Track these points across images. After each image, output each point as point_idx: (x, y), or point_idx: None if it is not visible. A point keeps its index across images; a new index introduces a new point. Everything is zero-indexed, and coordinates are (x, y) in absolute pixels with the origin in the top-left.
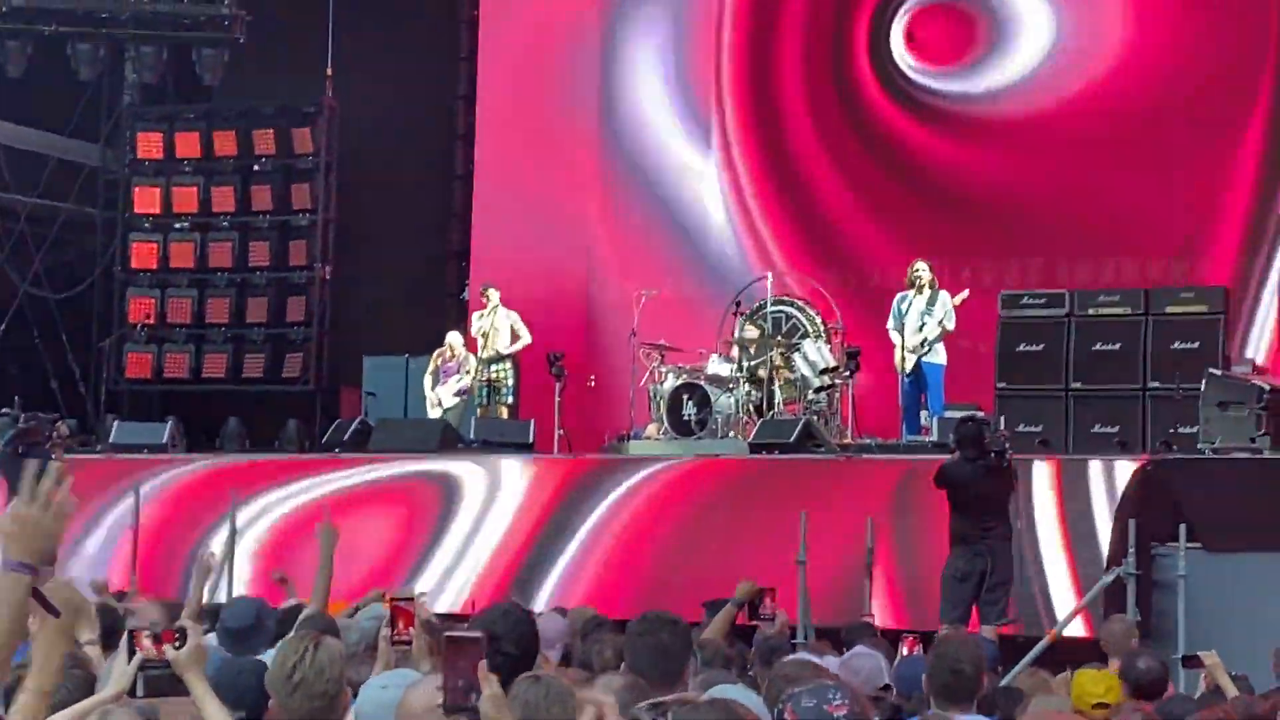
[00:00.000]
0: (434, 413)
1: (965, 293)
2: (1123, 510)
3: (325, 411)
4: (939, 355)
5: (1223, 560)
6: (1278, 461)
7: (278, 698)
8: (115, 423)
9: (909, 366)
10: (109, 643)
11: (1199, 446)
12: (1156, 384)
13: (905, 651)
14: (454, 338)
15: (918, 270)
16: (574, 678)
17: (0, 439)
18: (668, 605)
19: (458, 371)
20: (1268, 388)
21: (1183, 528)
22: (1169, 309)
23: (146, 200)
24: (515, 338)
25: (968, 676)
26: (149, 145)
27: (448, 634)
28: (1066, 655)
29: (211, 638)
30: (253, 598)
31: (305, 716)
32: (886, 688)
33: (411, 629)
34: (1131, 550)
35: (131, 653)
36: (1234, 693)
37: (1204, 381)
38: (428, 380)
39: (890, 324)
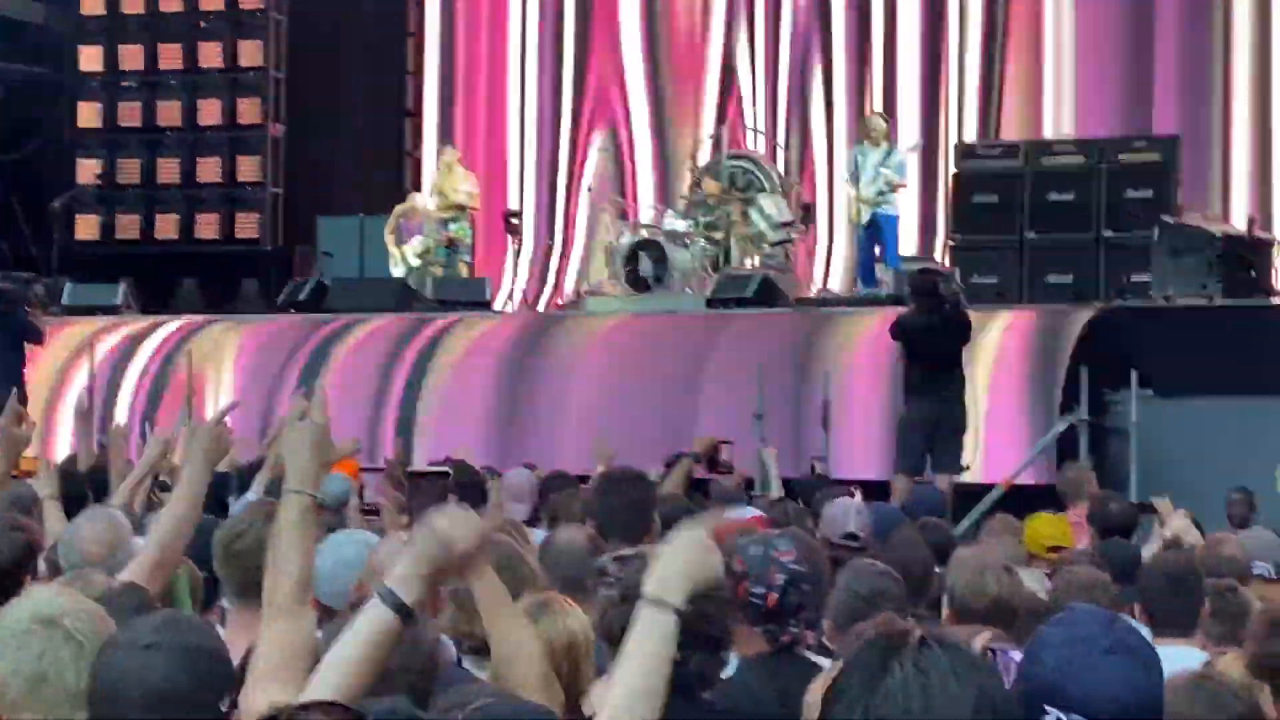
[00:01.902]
0: (398, 270)
1: (917, 141)
2: (1075, 358)
3: (280, 271)
4: (893, 207)
5: (1174, 405)
6: (1229, 308)
7: (216, 561)
8: (68, 284)
9: (864, 219)
10: (71, 508)
11: (1151, 294)
12: (1110, 232)
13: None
14: (417, 197)
15: (874, 122)
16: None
17: None
18: (629, 460)
19: (420, 232)
20: (1219, 234)
21: (1134, 374)
22: (1122, 157)
23: (91, 59)
24: (469, 198)
25: (916, 578)
26: (93, 2)
27: (410, 470)
28: (1026, 503)
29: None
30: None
31: (240, 582)
32: (851, 535)
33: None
34: (1084, 397)
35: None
36: (1190, 538)
37: (1156, 229)
38: (389, 236)
39: (844, 175)
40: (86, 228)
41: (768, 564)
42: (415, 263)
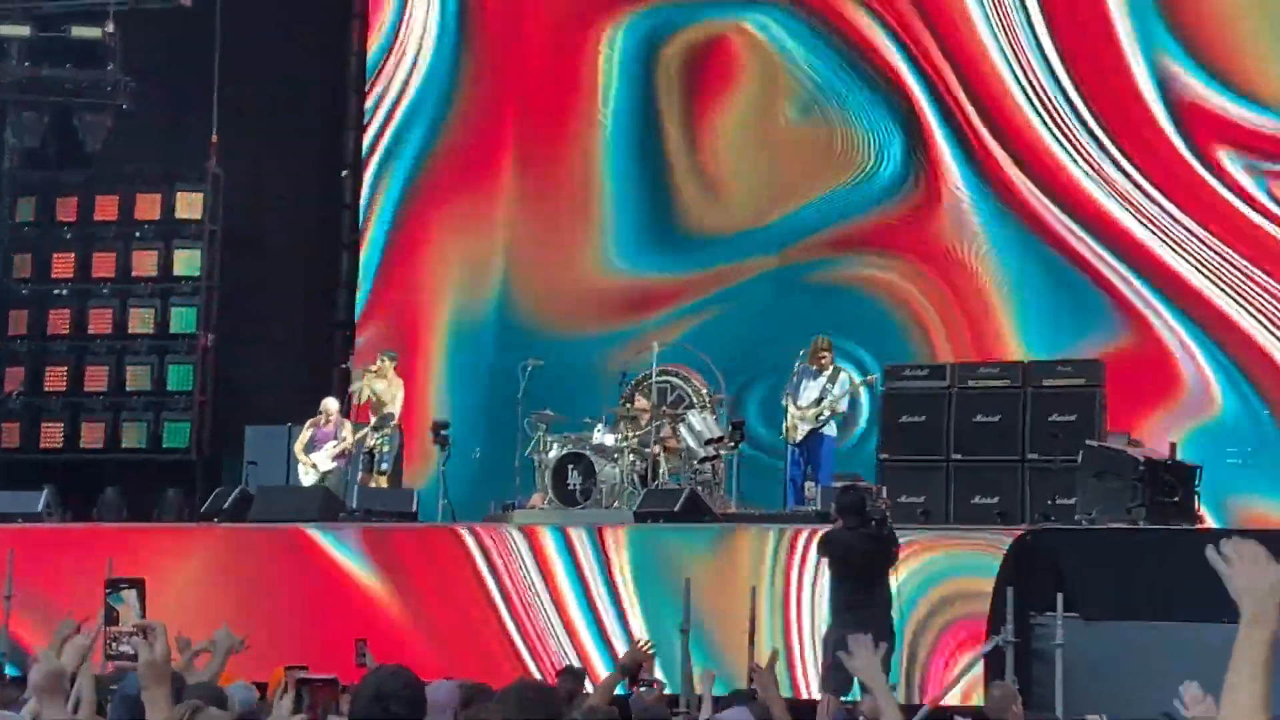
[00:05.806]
0: (308, 477)
1: (874, 377)
2: (1001, 579)
3: (206, 480)
4: (830, 428)
5: (1100, 629)
6: (1153, 532)
7: None
8: None
9: (800, 436)
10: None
11: (1076, 517)
12: (1035, 455)
13: None
14: (330, 403)
15: (822, 349)
16: None
17: None
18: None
19: (334, 437)
20: (1143, 460)
21: (1060, 597)
22: (1047, 382)
23: (23, 266)
24: (393, 405)
25: None
26: (28, 210)
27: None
28: None
29: None
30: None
31: None
32: None
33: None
34: (1010, 618)
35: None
36: None
37: (1081, 453)
38: (299, 447)
39: (785, 391)
40: (10, 435)
41: None
42: (328, 467)
